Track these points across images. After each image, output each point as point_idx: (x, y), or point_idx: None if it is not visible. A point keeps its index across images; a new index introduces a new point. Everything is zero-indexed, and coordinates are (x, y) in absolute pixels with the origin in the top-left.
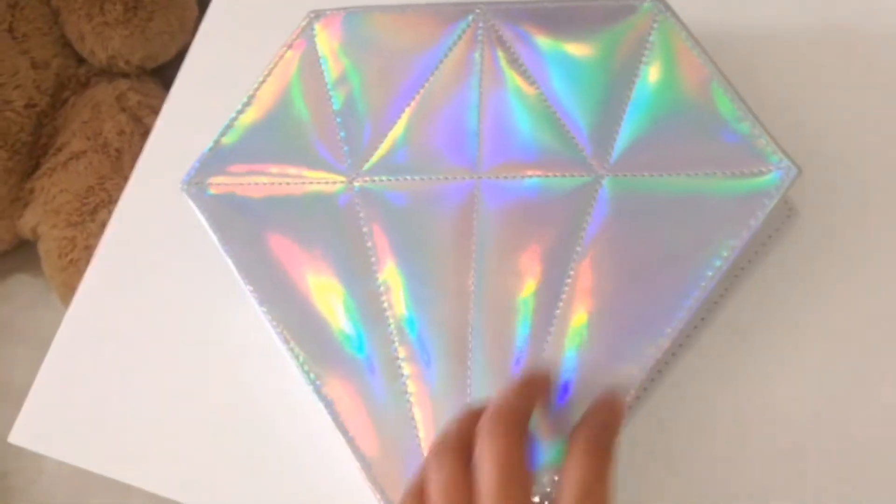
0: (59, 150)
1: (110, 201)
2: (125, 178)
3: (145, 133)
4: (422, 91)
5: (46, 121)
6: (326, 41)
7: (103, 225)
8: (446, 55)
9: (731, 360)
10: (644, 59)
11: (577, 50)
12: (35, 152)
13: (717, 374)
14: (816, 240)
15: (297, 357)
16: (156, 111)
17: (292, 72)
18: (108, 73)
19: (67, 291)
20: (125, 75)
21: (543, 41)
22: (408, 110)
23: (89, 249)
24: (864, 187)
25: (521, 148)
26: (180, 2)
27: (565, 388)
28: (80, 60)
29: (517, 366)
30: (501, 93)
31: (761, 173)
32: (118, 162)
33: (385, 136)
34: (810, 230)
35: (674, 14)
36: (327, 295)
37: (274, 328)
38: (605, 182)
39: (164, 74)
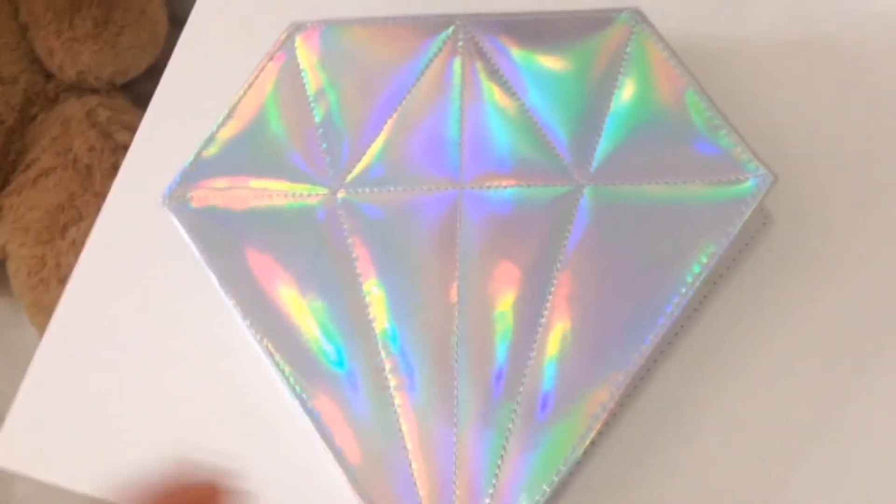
0: (28, 166)
1: (80, 218)
2: (96, 195)
3: (115, 149)
4: (402, 103)
5: (15, 137)
6: (307, 54)
7: (73, 243)
8: (427, 67)
9: (712, 366)
10: (622, 69)
11: (556, 61)
12: (3, 169)
13: (698, 380)
14: (791, 246)
15: (282, 371)
16: (126, 127)
17: (273, 84)
18: (78, 88)
19: (37, 311)
20: (95, 91)
21: (522, 53)
22: (389, 122)
23: (59, 268)
24: (837, 195)
25: (503, 158)
26: (150, 17)
27: (546, 399)
28: (49, 76)
29: (499, 378)
30: (482, 104)
31: (738, 181)
32: (88, 178)
33: (366, 148)
34: (785, 237)
35: (650, 25)
36: (311, 308)
37: (258, 342)
38: (586, 191)
39: (133, 90)
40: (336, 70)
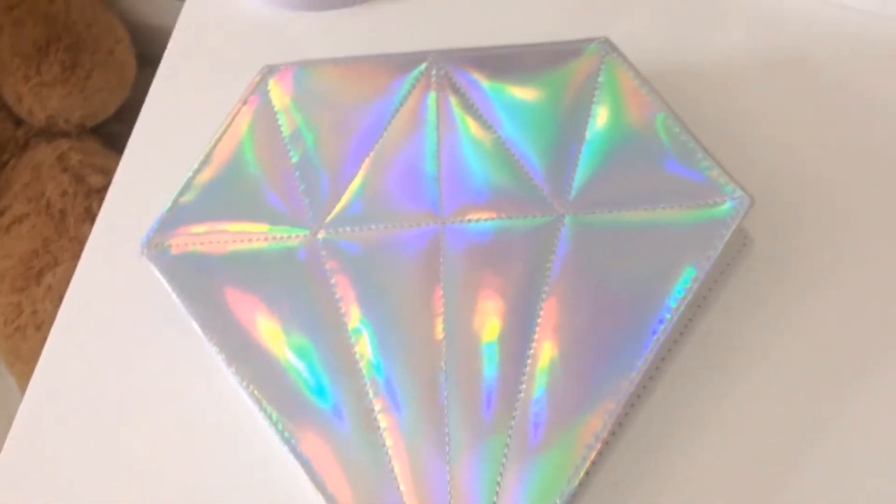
0: (1, 214)
1: (56, 264)
2: (70, 240)
3: (89, 193)
4: (379, 141)
5: None
6: (280, 96)
7: (49, 289)
8: (401, 104)
9: (702, 389)
10: (594, 99)
11: (530, 93)
12: None
13: (689, 403)
14: (772, 266)
15: (270, 416)
16: (98, 170)
17: (248, 128)
18: (48, 133)
19: (14, 359)
20: (65, 135)
21: (496, 86)
22: (366, 161)
23: (36, 314)
24: (815, 212)
25: (482, 191)
26: (118, 58)
27: (538, 431)
28: (19, 122)
29: (489, 412)
30: (458, 138)
31: (716, 204)
32: (62, 223)
33: (345, 187)
34: (766, 257)
35: (620, 54)
36: (296, 350)
37: (244, 388)
38: (567, 221)
39: (104, 132)
40: (311, 111)
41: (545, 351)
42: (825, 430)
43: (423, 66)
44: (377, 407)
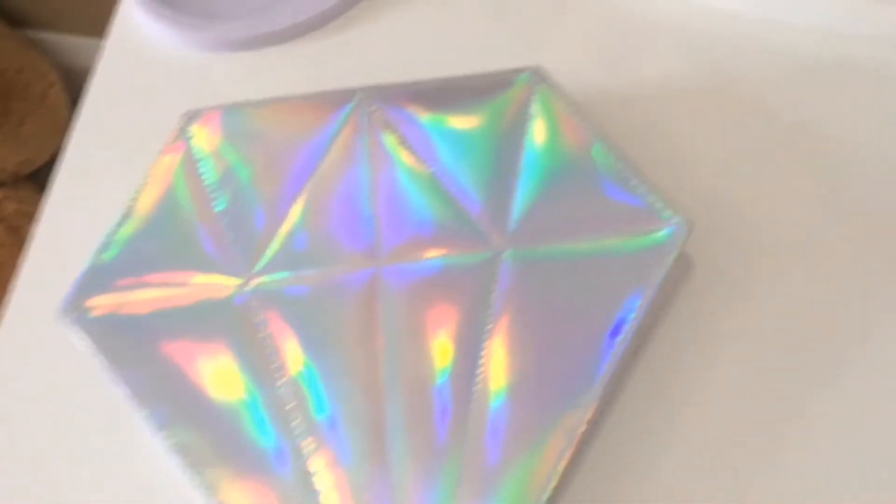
0: None
1: None
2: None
3: (24, 244)
4: (311, 180)
5: None
6: (206, 140)
7: None
8: (332, 142)
9: (653, 418)
10: (527, 129)
11: (462, 126)
12: None
13: (640, 431)
14: (716, 291)
15: (205, 483)
16: (35, 219)
17: (171, 177)
18: None
19: None
20: (1, 183)
21: (428, 120)
22: (299, 201)
23: None
24: (756, 235)
25: (419, 229)
26: (51, 103)
27: (489, 476)
28: None
29: (436, 452)
30: (393, 175)
31: (656, 230)
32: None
33: (277, 230)
34: (709, 282)
35: (552, 82)
36: (234, 407)
37: (178, 453)
38: (506, 255)
39: (41, 178)
40: (238, 153)
41: (491, 391)
42: (775, 450)
43: (354, 102)
44: (322, 461)
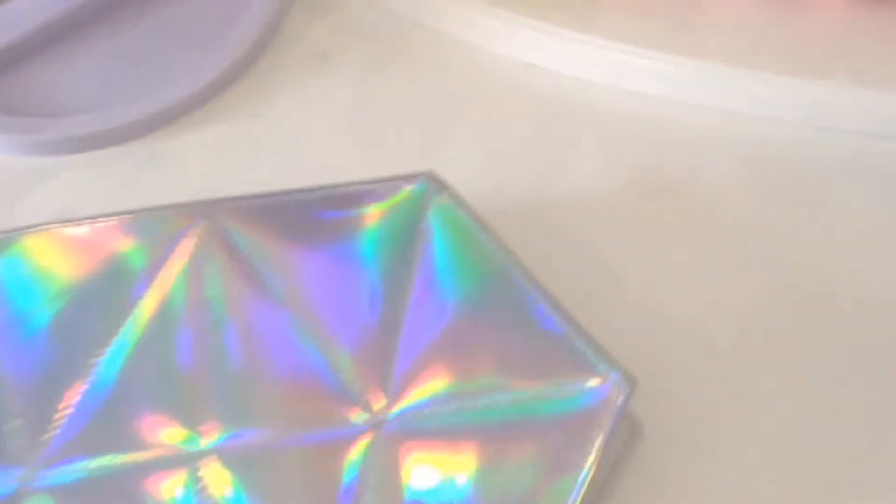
0: None
1: None
2: None
3: None
4: (120, 336)
5: None
6: None
7: None
8: (154, 279)
9: None
10: (420, 254)
11: (330, 254)
12: None
13: None
14: (664, 452)
15: None
16: None
17: None
18: None
19: None
20: None
21: (284, 247)
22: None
23: None
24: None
25: (264, 396)
26: None
27: None
28: None
29: None
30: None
31: (592, 388)
32: None
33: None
34: (655, 442)
35: (453, 193)
36: None
37: None
38: (390, 427)
39: None
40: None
41: None
42: None
43: (190, 222)
44: None
